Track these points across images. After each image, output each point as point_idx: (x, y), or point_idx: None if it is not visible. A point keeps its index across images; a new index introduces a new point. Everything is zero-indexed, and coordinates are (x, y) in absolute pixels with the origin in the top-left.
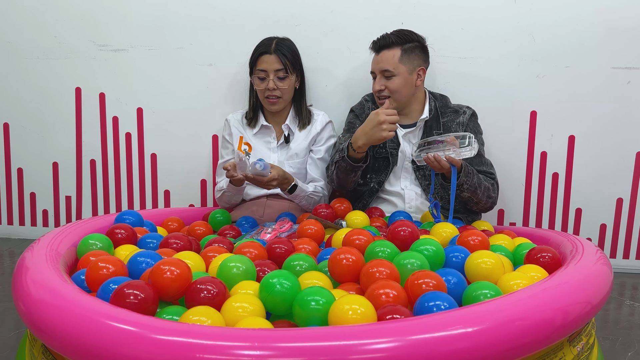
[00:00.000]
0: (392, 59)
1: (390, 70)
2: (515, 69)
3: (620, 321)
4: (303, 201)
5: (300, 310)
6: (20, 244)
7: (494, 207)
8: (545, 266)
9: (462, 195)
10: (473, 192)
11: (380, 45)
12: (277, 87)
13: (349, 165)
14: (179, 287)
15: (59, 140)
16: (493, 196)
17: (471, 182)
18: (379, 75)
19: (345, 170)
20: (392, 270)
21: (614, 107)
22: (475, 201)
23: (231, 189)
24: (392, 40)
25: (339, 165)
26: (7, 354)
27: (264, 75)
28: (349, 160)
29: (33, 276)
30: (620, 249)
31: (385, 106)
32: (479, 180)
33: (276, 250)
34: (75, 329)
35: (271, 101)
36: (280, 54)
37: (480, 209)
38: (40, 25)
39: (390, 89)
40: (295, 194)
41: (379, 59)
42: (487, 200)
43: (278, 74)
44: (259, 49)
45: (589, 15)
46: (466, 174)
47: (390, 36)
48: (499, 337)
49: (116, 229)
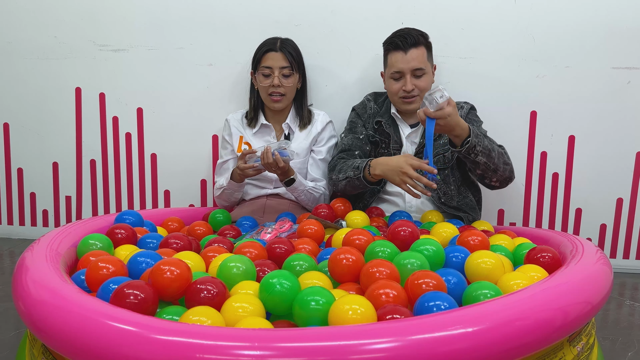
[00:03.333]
0: (422, 57)
1: (423, 68)
2: (515, 69)
3: (620, 321)
4: (302, 196)
5: (300, 310)
6: (20, 244)
7: (513, 177)
8: (545, 266)
9: (479, 161)
10: (488, 156)
11: (410, 44)
12: (282, 84)
13: (362, 184)
14: (179, 287)
15: (59, 140)
16: (509, 163)
17: (483, 144)
18: (409, 74)
19: (356, 187)
20: (392, 270)
21: (614, 107)
22: (492, 168)
23: (231, 186)
24: (419, 39)
25: (352, 182)
26: (7, 354)
27: (269, 72)
28: (363, 180)
29: (33, 276)
30: (620, 249)
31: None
32: (490, 143)
33: (276, 250)
34: (75, 329)
35: (275, 99)
36: (286, 52)
37: (500, 180)
38: (40, 25)
39: (420, 88)
40: (293, 187)
41: (409, 57)
42: (504, 168)
43: (283, 71)
44: (264, 46)
45: (589, 15)
46: (475, 135)
47: (416, 34)
48: (499, 337)
49: (116, 229)
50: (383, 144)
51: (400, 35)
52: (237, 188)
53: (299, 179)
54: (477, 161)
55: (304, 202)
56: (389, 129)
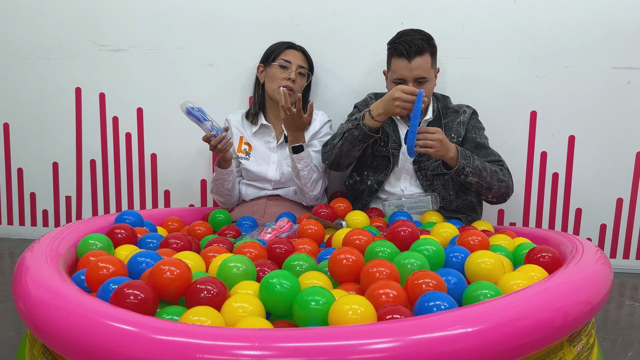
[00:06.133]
0: (426, 65)
1: (426, 77)
2: (515, 69)
3: (620, 321)
4: (305, 170)
5: (300, 310)
6: (20, 244)
7: (510, 192)
8: (545, 266)
9: (470, 181)
10: (479, 176)
11: (415, 52)
12: (296, 80)
13: (361, 133)
14: (179, 287)
15: (59, 140)
16: (505, 180)
17: (473, 165)
18: (412, 82)
19: (354, 140)
20: (392, 270)
21: (614, 107)
22: (486, 187)
23: (218, 174)
24: (424, 46)
25: (350, 134)
26: (7, 354)
27: (288, 65)
28: (362, 127)
29: (33, 276)
30: (620, 249)
31: (405, 87)
32: (482, 163)
33: (276, 250)
34: (75, 329)
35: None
36: (306, 55)
37: (497, 197)
38: (40, 25)
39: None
40: (300, 157)
41: (413, 66)
42: (499, 185)
43: (300, 69)
44: (283, 44)
45: (589, 15)
46: (464, 157)
47: (421, 42)
48: (499, 337)
49: (116, 229)
50: (382, 142)
51: (405, 42)
52: (225, 176)
53: (307, 149)
54: (468, 182)
55: (304, 178)
56: (388, 128)
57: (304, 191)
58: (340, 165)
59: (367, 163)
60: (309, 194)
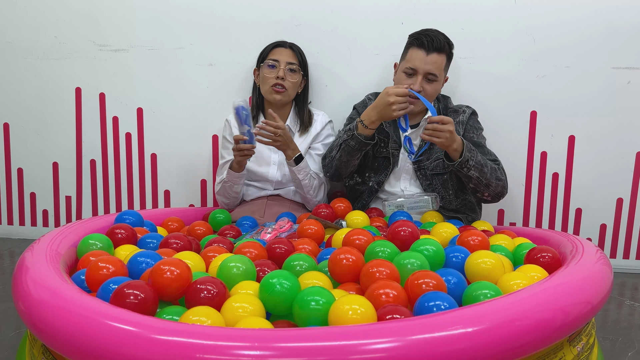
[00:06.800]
0: (440, 64)
1: (436, 75)
2: (515, 68)
3: (620, 321)
4: (306, 180)
5: (300, 310)
6: (20, 244)
7: (505, 192)
8: (545, 266)
9: (471, 175)
10: (480, 171)
11: (435, 47)
12: (286, 77)
13: (357, 143)
14: (179, 287)
15: (59, 140)
16: (502, 179)
17: (476, 159)
18: (422, 75)
19: (351, 150)
20: (392, 270)
21: (614, 107)
22: (485, 183)
23: (231, 177)
24: (445, 46)
25: (347, 145)
26: (7, 354)
27: (276, 64)
28: (358, 137)
29: (33, 276)
30: (620, 249)
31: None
32: (483, 159)
33: (276, 250)
34: (75, 329)
35: (277, 89)
36: (295, 50)
37: (492, 195)
38: (40, 25)
39: (427, 93)
40: (299, 167)
41: (429, 60)
42: (497, 183)
43: (290, 66)
44: (272, 44)
45: (589, 15)
46: (469, 150)
47: (443, 40)
48: (499, 337)
49: (116, 229)
50: (382, 142)
51: (429, 35)
52: (237, 179)
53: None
54: (469, 175)
55: (305, 187)
56: (389, 128)
57: (308, 198)
58: (342, 176)
59: (368, 164)
60: (313, 200)
